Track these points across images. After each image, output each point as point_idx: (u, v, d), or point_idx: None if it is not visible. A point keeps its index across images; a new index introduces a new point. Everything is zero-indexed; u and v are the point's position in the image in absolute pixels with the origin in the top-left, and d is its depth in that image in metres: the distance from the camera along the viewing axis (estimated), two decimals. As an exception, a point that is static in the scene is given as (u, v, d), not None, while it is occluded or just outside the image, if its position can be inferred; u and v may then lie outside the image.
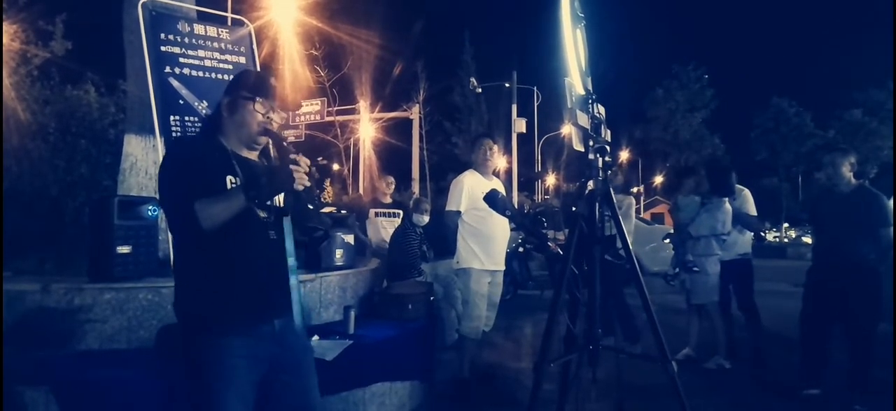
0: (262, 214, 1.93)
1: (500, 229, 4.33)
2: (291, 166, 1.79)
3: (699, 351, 5.27)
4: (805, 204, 37.41)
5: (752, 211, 5.41)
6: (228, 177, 1.90)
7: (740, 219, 5.24)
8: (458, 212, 4.30)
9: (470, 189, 4.28)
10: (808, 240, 30.55)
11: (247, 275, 1.88)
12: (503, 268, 4.47)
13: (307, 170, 1.83)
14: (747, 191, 5.46)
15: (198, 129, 4.14)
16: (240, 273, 1.87)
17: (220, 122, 2.00)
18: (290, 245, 1.97)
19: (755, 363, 5.05)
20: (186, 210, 1.74)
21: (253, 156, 2.04)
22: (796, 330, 4.36)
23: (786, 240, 37.09)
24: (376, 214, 6.52)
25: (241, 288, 1.87)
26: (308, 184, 1.84)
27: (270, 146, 2.06)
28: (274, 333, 1.94)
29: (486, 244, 4.26)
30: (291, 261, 1.97)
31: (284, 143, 1.93)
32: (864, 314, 3.92)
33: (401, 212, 6.52)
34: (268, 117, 1.98)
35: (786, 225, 40.78)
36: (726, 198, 5.15)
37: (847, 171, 4.07)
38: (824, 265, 4.20)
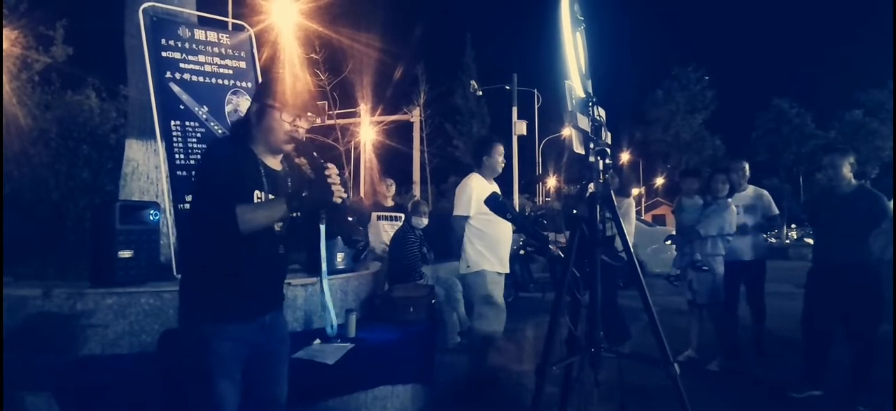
0: (277, 227, 2.03)
1: (506, 232, 4.32)
2: (329, 180, 1.90)
3: (701, 353, 5.26)
4: (806, 205, 37.33)
5: (775, 209, 5.56)
6: (256, 193, 1.99)
7: (767, 223, 5.47)
8: (466, 217, 4.27)
9: (478, 193, 4.26)
10: (809, 240, 30.49)
11: (251, 280, 2.01)
12: (508, 270, 4.46)
13: (337, 178, 1.94)
14: (765, 192, 5.58)
15: (227, 133, 4.18)
16: (245, 278, 1.99)
17: (248, 128, 2.06)
18: (323, 252, 2.11)
19: (758, 353, 5.07)
20: (225, 211, 1.82)
21: (277, 163, 2.12)
22: (798, 331, 4.36)
23: (787, 241, 36.99)
24: (378, 218, 6.53)
25: (243, 290, 2.00)
26: (345, 196, 1.94)
27: (298, 158, 2.15)
28: (264, 324, 2.09)
29: (494, 247, 4.25)
30: (324, 268, 2.14)
31: (314, 153, 2.03)
32: (865, 315, 3.91)
33: (402, 215, 6.52)
34: (294, 125, 2.05)
35: (792, 225, 40.68)
36: (731, 199, 5.19)
37: (847, 172, 4.06)
38: (825, 266, 4.19)
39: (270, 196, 2.01)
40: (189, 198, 4.17)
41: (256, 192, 1.99)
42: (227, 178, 1.90)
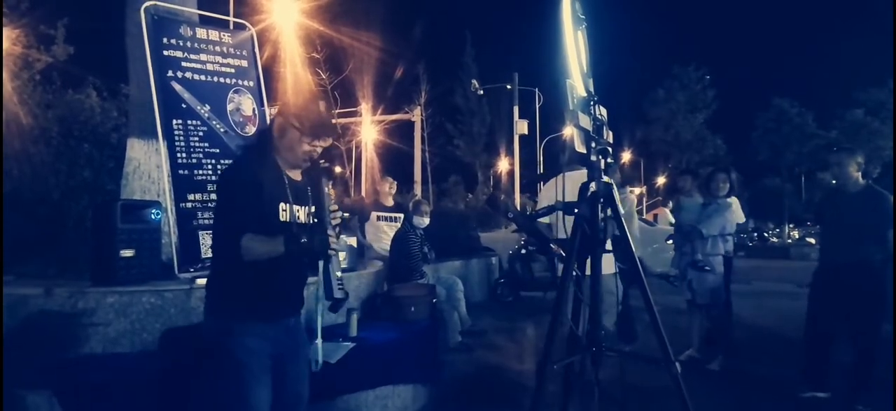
0: (303, 238, 2.12)
1: None
2: (328, 232, 2.06)
3: (702, 352, 5.25)
4: (808, 204, 37.26)
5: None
6: (281, 205, 2.12)
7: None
8: None
9: None
10: (811, 240, 30.43)
11: (279, 283, 2.14)
12: None
13: (340, 221, 2.13)
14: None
15: (254, 139, 4.34)
16: (274, 281, 2.11)
17: (271, 139, 2.17)
18: (321, 289, 2.22)
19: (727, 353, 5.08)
20: (235, 237, 1.97)
21: (298, 174, 2.24)
22: (800, 331, 4.35)
23: (789, 240, 36.93)
24: (378, 218, 6.52)
25: (272, 291, 2.12)
26: (337, 248, 2.11)
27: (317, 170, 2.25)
28: (288, 326, 2.23)
29: None
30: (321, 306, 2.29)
31: (326, 190, 2.19)
32: (870, 315, 3.90)
33: (401, 215, 6.52)
34: (314, 145, 2.17)
35: (790, 225, 40.62)
36: (731, 198, 5.18)
37: (854, 171, 4.05)
38: (831, 266, 4.18)
39: (295, 206, 2.15)
40: (191, 197, 4.17)
41: (282, 204, 2.11)
42: (243, 202, 2.01)
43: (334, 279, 2.15)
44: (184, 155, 4.22)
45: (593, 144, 2.54)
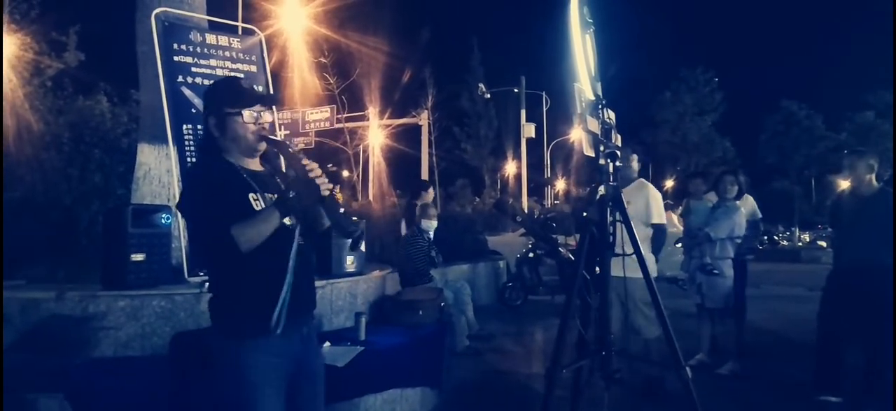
0: (288, 221, 1.90)
1: None
2: (311, 175, 1.83)
3: (712, 356, 5.22)
4: (818, 207, 37.00)
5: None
6: (250, 195, 1.92)
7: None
8: None
9: None
10: (822, 243, 30.20)
11: (281, 280, 1.89)
12: None
13: (320, 172, 1.86)
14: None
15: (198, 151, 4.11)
16: (275, 279, 1.88)
17: (215, 142, 1.98)
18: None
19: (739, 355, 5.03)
20: (223, 236, 1.77)
21: (256, 165, 2.04)
22: (811, 335, 4.32)
23: (799, 244, 36.66)
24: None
25: (276, 293, 1.88)
26: (331, 187, 1.86)
27: (277, 153, 2.04)
28: (303, 337, 2.02)
29: None
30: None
31: (290, 150, 1.93)
32: (883, 318, 3.87)
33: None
34: (259, 123, 1.96)
35: (800, 229, 40.35)
36: (740, 201, 5.16)
37: (867, 174, 4.03)
38: (845, 269, 4.15)
39: (267, 194, 1.95)
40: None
41: (251, 195, 1.92)
42: (215, 201, 1.83)
43: (340, 215, 1.92)
44: (194, 160, 4.25)
45: (601, 148, 2.54)
